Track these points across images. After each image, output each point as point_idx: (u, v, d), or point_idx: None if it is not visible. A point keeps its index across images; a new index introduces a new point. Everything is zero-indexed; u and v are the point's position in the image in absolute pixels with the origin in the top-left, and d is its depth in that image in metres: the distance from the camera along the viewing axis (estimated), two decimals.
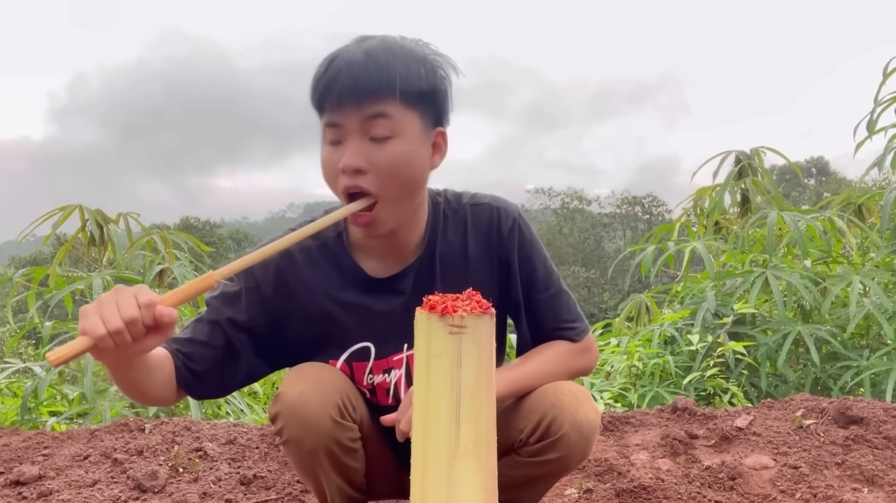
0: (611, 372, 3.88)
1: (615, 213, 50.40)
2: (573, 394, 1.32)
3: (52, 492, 1.92)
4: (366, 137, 1.19)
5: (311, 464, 1.30)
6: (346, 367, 1.38)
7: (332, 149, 1.22)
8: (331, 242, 1.35)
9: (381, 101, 1.17)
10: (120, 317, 1.00)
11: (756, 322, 3.74)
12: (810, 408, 2.47)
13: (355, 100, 1.17)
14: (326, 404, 1.25)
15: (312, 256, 1.34)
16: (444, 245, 1.35)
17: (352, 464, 1.33)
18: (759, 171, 4.39)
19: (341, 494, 1.38)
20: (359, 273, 1.34)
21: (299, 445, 1.26)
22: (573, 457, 1.32)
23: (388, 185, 1.20)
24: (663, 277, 5.14)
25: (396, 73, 1.17)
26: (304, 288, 1.33)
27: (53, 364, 1.00)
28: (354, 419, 1.31)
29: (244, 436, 2.31)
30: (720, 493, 1.92)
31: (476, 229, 1.37)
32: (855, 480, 1.99)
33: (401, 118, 1.19)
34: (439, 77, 1.24)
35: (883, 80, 3.96)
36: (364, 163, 1.19)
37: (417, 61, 1.21)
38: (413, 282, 1.34)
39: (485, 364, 1.06)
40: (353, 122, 1.18)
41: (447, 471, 1.03)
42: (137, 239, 3.75)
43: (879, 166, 4.00)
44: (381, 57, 1.17)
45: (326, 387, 1.28)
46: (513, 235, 1.37)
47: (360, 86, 1.16)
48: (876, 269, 3.77)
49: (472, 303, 1.07)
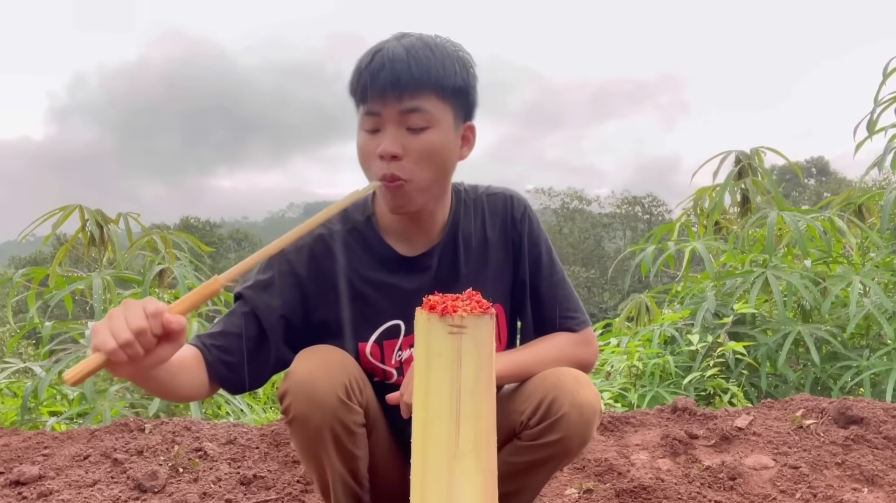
0: (611, 372, 3.88)
1: (615, 213, 50.41)
2: (574, 377, 1.36)
3: (52, 492, 1.92)
4: (403, 127, 1.27)
5: (316, 445, 1.32)
6: (377, 347, 1.42)
7: (370, 136, 1.29)
8: (361, 226, 1.42)
9: (420, 95, 1.26)
10: (129, 329, 1.01)
11: (756, 322, 3.74)
12: (810, 408, 2.47)
13: (396, 93, 1.24)
14: (333, 383, 1.28)
15: (343, 239, 1.41)
16: (466, 228, 1.45)
17: (355, 450, 1.35)
18: (759, 171, 4.39)
19: (344, 485, 1.39)
20: (388, 253, 1.41)
21: (305, 423, 1.29)
22: (574, 438, 1.34)
23: (420, 171, 1.29)
24: (663, 277, 5.14)
25: (435, 69, 1.26)
26: (336, 270, 1.40)
27: (71, 383, 1.01)
28: (360, 403, 1.34)
29: (244, 436, 2.31)
30: (720, 493, 1.92)
31: (493, 215, 1.47)
32: (855, 480, 1.99)
33: (436, 111, 1.28)
34: (471, 74, 1.33)
35: (883, 80, 3.96)
36: (400, 150, 1.26)
37: (452, 59, 1.29)
38: (438, 261, 1.42)
39: (485, 364, 1.06)
40: (392, 112, 1.26)
41: (447, 471, 1.03)
42: (137, 239, 3.75)
43: (879, 166, 4.00)
44: (420, 54, 1.26)
45: (335, 367, 1.31)
46: (524, 220, 1.48)
47: (401, 80, 1.24)
48: (876, 269, 3.77)
49: (472, 303, 1.07)
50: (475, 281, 1.42)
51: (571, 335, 1.47)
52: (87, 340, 3.40)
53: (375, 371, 1.45)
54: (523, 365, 1.40)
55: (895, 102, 3.99)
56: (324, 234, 1.40)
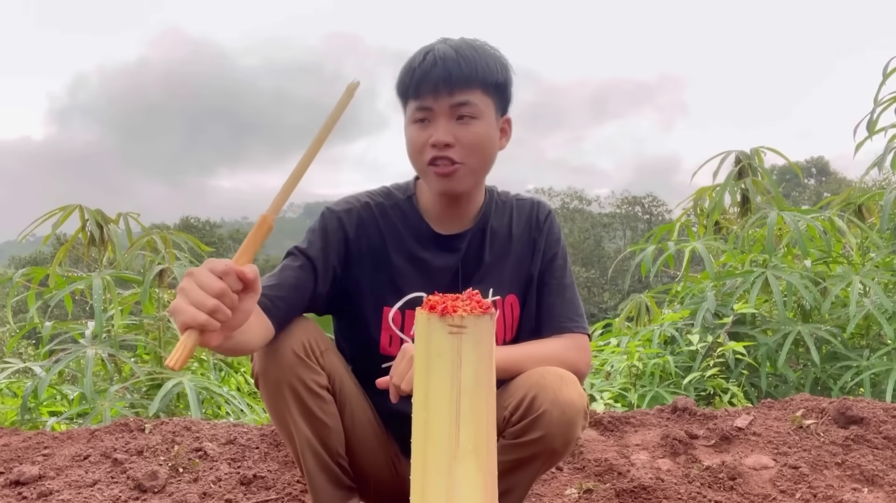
0: (611, 372, 3.88)
1: (615, 213, 50.42)
2: (558, 376, 1.38)
3: (52, 492, 1.92)
4: (453, 119, 1.40)
5: (278, 404, 1.40)
6: (399, 315, 1.52)
7: (420, 127, 1.42)
8: (402, 203, 1.55)
9: (469, 90, 1.39)
10: (209, 295, 0.99)
11: (756, 322, 3.74)
12: (810, 408, 2.47)
13: (448, 88, 1.38)
14: (291, 340, 1.39)
15: (385, 211, 1.54)
16: (495, 221, 1.57)
17: (319, 413, 1.42)
18: (759, 171, 4.38)
19: (314, 453, 1.44)
20: (425, 229, 1.53)
21: (265, 378, 1.40)
22: (556, 437, 1.35)
23: (469, 156, 1.42)
24: (663, 277, 5.14)
25: (481, 67, 1.40)
26: (377, 237, 1.52)
27: (176, 368, 0.97)
28: (322, 365, 1.42)
29: (244, 436, 2.31)
30: (720, 493, 1.92)
31: (519, 215, 1.60)
32: (855, 480, 1.99)
33: (481, 104, 1.41)
34: (508, 73, 1.46)
35: (883, 80, 3.96)
36: (452, 138, 1.40)
37: (494, 58, 1.44)
38: (467, 244, 1.54)
39: (485, 364, 1.06)
40: (443, 106, 1.39)
41: (447, 471, 1.03)
42: (137, 239, 3.75)
43: (879, 166, 4.00)
44: (467, 53, 1.40)
45: (296, 329, 1.41)
46: (547, 222, 1.61)
47: (452, 76, 1.37)
48: (876, 269, 3.77)
49: (472, 303, 1.07)
50: (497, 269, 1.55)
51: (568, 339, 1.53)
52: (94, 339, 3.40)
53: (394, 339, 1.52)
54: (516, 360, 1.44)
55: (895, 102, 3.99)
56: (370, 204, 1.53)
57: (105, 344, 3.31)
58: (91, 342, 3.33)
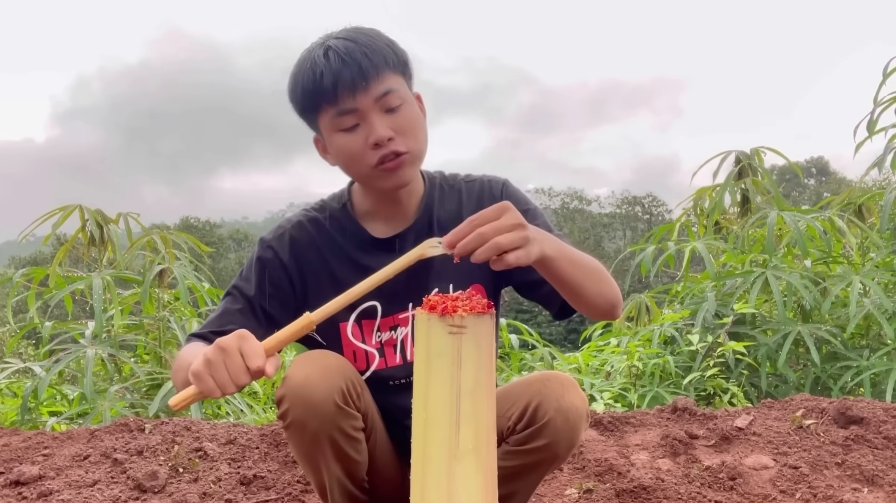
0: (611, 372, 3.88)
1: (615, 213, 50.44)
2: (559, 381, 1.36)
3: (52, 492, 1.92)
4: (381, 112, 1.31)
5: (313, 451, 1.33)
6: (357, 327, 1.46)
7: (349, 134, 1.32)
8: (337, 212, 1.47)
9: (385, 78, 1.31)
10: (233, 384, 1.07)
11: (756, 322, 3.74)
12: (810, 408, 2.47)
13: (365, 82, 1.28)
14: (331, 388, 1.29)
15: (321, 225, 1.47)
16: (441, 211, 1.47)
17: (353, 454, 1.35)
18: (759, 171, 4.38)
19: (341, 488, 1.39)
20: (364, 235, 1.45)
21: (302, 429, 1.30)
22: (560, 443, 1.34)
23: (412, 143, 1.34)
24: (663, 277, 5.13)
25: (383, 51, 1.32)
26: (315, 254, 1.45)
27: (176, 409, 1.10)
28: (358, 408, 1.34)
29: (244, 436, 2.31)
30: (720, 493, 1.92)
31: (469, 198, 1.49)
32: (855, 480, 1.99)
33: (400, 88, 1.33)
34: (401, 49, 1.38)
35: (883, 80, 3.96)
36: (390, 132, 1.31)
37: (384, 39, 1.35)
38: (413, 242, 1.36)
39: (485, 364, 1.06)
40: (367, 102, 1.30)
41: (447, 470, 1.03)
42: (137, 239, 3.75)
43: (879, 166, 4.00)
44: (364, 41, 1.31)
45: (332, 372, 1.31)
46: (503, 194, 1.47)
47: (365, 69, 1.28)
48: (876, 269, 3.77)
49: (472, 302, 1.07)
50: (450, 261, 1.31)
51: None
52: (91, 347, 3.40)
53: (357, 354, 1.46)
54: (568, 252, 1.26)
55: (895, 103, 3.98)
56: (302, 221, 1.46)
57: (105, 344, 3.31)
58: (91, 342, 3.33)
